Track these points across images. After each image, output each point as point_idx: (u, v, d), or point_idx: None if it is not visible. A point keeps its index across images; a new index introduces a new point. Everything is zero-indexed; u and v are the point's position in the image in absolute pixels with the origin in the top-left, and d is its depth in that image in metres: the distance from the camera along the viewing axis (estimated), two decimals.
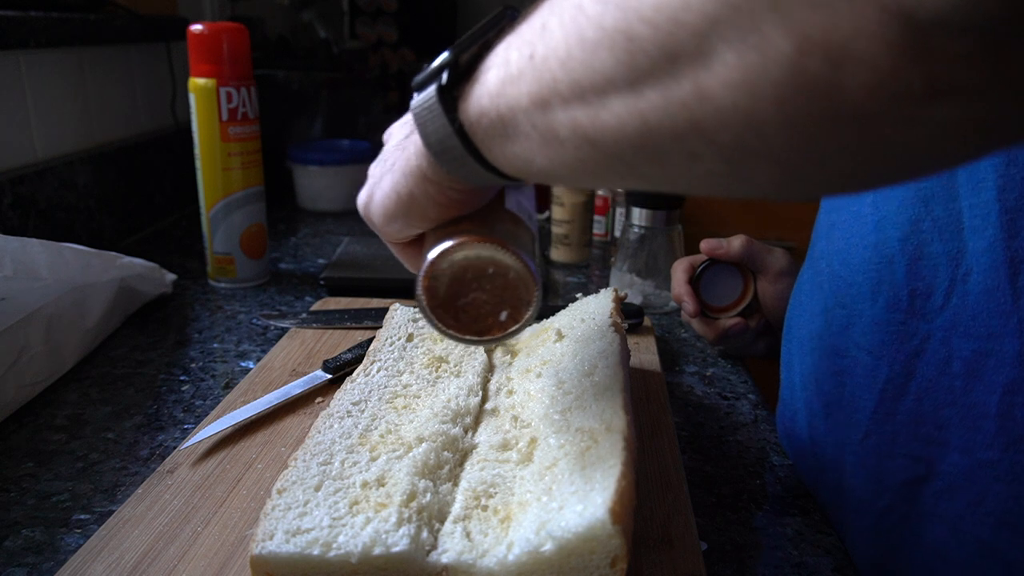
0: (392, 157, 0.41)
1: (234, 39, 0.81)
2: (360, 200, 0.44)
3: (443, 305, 0.38)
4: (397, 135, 0.44)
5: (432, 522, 0.40)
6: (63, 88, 0.95)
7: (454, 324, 0.39)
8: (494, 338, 0.39)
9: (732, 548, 0.47)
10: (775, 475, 0.55)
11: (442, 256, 0.37)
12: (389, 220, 0.41)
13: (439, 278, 0.38)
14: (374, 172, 0.44)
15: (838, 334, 0.50)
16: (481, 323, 0.39)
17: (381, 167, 0.43)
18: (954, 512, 0.44)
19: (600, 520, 0.35)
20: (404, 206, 0.39)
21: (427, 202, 0.38)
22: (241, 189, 0.85)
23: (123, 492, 0.50)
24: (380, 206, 0.41)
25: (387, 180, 0.40)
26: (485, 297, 0.38)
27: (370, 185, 0.43)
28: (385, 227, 0.42)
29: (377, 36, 1.70)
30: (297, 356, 0.67)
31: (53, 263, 0.65)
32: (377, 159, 0.45)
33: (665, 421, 0.57)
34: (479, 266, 0.38)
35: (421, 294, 0.38)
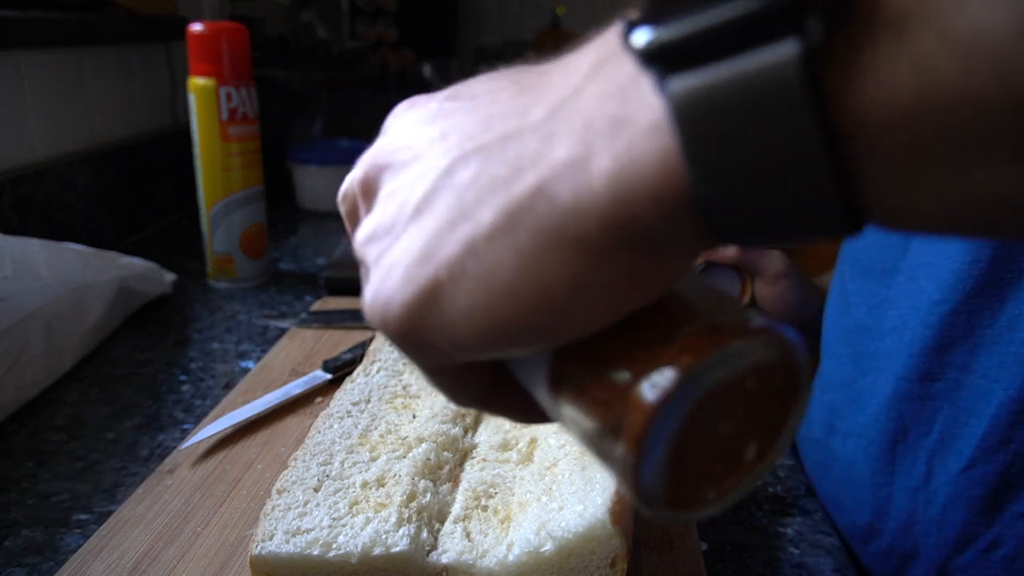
0: (471, 200, 0.21)
1: (234, 39, 0.81)
2: (386, 300, 0.22)
3: (670, 477, 0.21)
4: (438, 139, 0.23)
5: (432, 522, 0.40)
6: (63, 88, 0.95)
7: (680, 501, 0.22)
8: (735, 492, 0.23)
9: (732, 548, 0.47)
10: (775, 475, 0.55)
11: (686, 384, 0.20)
12: (498, 336, 0.21)
13: (659, 434, 0.20)
14: (399, 231, 0.23)
15: (924, 356, 0.45)
16: (714, 480, 0.22)
17: (427, 223, 0.22)
18: None
19: (600, 520, 0.35)
20: (554, 306, 0.20)
21: (612, 293, 0.20)
22: (241, 189, 0.85)
23: (123, 492, 0.50)
24: (480, 311, 0.21)
25: (494, 257, 0.20)
26: (728, 432, 0.22)
27: (406, 270, 0.22)
28: (479, 349, 0.22)
29: (377, 36, 1.70)
30: (297, 356, 0.67)
31: (53, 263, 0.65)
32: (387, 196, 0.24)
33: None
34: (734, 385, 0.21)
35: (629, 469, 0.21)
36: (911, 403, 0.47)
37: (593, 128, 0.19)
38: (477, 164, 0.21)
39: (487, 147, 0.21)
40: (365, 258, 0.25)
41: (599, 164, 0.18)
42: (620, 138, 0.18)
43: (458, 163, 0.22)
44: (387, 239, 0.23)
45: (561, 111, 0.20)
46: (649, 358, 0.21)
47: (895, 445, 0.48)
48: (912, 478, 0.47)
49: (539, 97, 0.21)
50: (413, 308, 0.22)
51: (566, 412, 0.23)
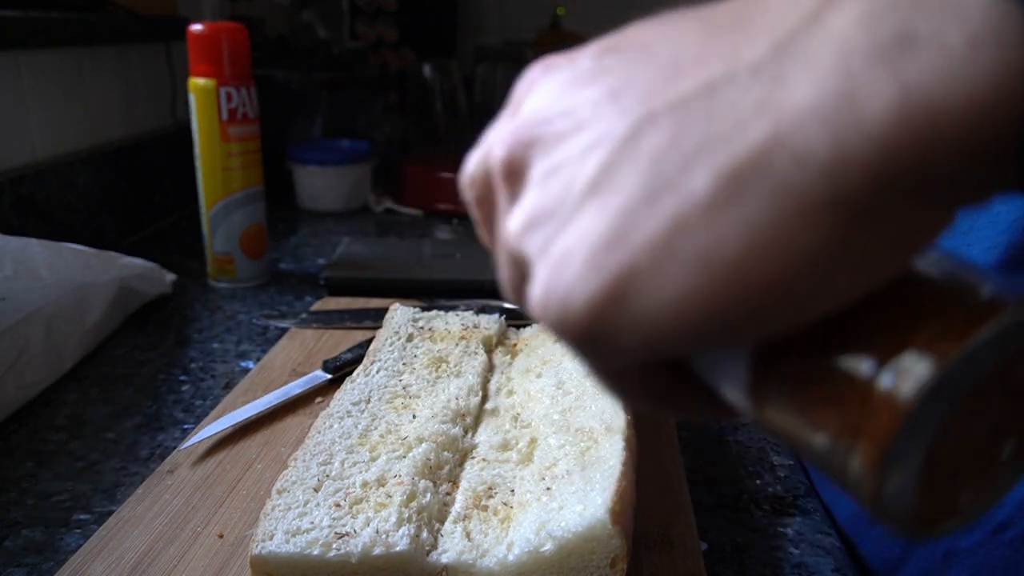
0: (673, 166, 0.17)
1: (234, 39, 0.81)
2: (566, 294, 0.19)
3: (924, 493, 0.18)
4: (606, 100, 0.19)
5: (432, 522, 0.40)
6: (63, 88, 0.95)
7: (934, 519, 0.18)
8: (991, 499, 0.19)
9: (732, 548, 0.47)
10: (775, 475, 0.55)
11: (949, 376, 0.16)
12: (712, 327, 0.17)
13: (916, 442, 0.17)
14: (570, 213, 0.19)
15: None
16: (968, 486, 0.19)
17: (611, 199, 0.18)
18: None
19: (600, 520, 0.35)
20: (798, 289, 0.17)
21: (870, 262, 0.17)
22: (241, 189, 0.85)
23: (123, 492, 0.50)
24: (694, 304, 0.17)
25: (714, 236, 0.17)
26: (986, 429, 0.18)
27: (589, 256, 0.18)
28: (683, 342, 0.18)
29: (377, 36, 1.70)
30: (297, 356, 0.67)
31: (53, 263, 0.65)
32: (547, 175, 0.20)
33: (665, 421, 0.57)
34: (998, 371, 0.17)
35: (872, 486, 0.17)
36: None
37: (856, 56, 0.15)
38: (674, 123, 0.18)
39: (684, 101, 0.18)
40: (524, 250, 0.21)
41: (876, 99, 0.15)
42: (914, 62, 0.15)
43: (645, 125, 0.18)
44: (553, 223, 0.20)
45: (793, 45, 0.16)
46: (897, 343, 0.17)
47: None
48: None
49: (749, 34, 0.17)
50: (602, 302, 0.18)
51: (773, 412, 0.20)
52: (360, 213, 1.24)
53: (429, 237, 1.13)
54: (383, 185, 1.30)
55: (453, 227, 1.18)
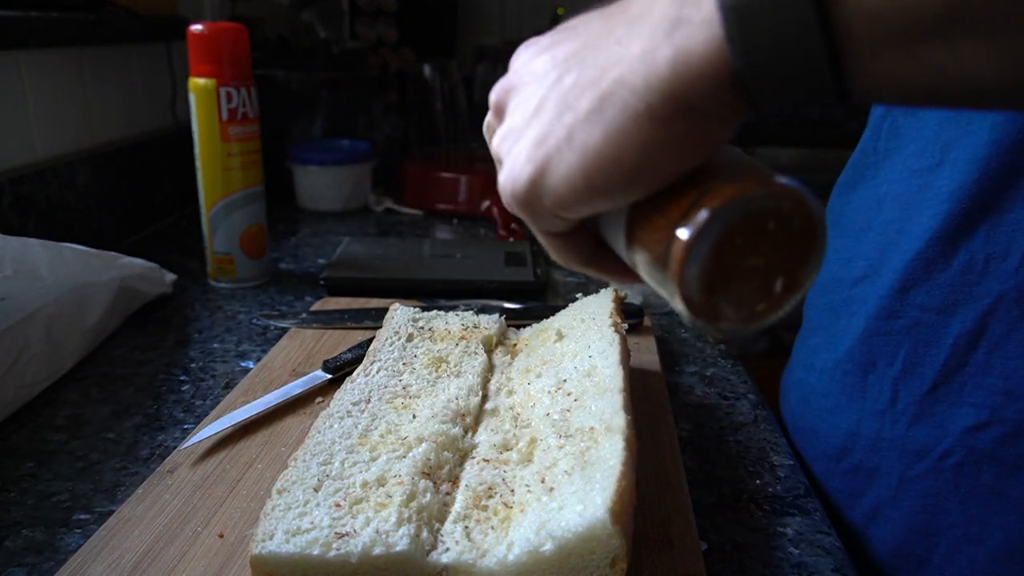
0: (572, 97, 0.29)
1: (234, 39, 0.81)
2: (515, 178, 0.31)
3: (705, 292, 0.27)
4: (548, 61, 0.31)
5: (432, 522, 0.40)
6: (63, 88, 0.95)
7: (716, 314, 0.28)
8: (767, 318, 0.29)
9: (732, 548, 0.47)
10: (775, 475, 0.55)
11: (714, 220, 0.26)
12: (591, 193, 0.29)
13: (696, 257, 0.27)
14: (522, 130, 0.31)
15: (890, 297, 0.53)
16: (749, 303, 0.28)
17: (542, 118, 0.30)
18: (1015, 454, 0.48)
19: (600, 520, 0.35)
20: (631, 165, 0.27)
21: (673, 152, 0.27)
22: (241, 189, 0.85)
23: (123, 492, 0.50)
24: (577, 174, 0.29)
25: (587, 133, 0.28)
26: (758, 265, 0.28)
27: (527, 153, 0.30)
28: (578, 206, 0.30)
29: (377, 36, 1.70)
30: (297, 356, 0.67)
31: (53, 263, 0.65)
32: (513, 109, 0.32)
33: (665, 421, 0.57)
34: (756, 225, 0.27)
35: (676, 285, 0.27)
36: (879, 339, 0.54)
37: (659, 29, 0.26)
38: (577, 71, 0.29)
39: (584, 59, 0.29)
40: (500, 154, 0.33)
41: (663, 53, 0.26)
42: (679, 32, 0.25)
43: (564, 73, 0.30)
44: (514, 136, 0.32)
45: (635, 24, 0.27)
46: (689, 204, 0.27)
47: (866, 376, 0.55)
48: (880, 403, 0.54)
49: (620, 20, 0.29)
50: (533, 178, 0.30)
51: (637, 258, 0.30)
52: (360, 213, 1.24)
53: (429, 237, 1.13)
54: (383, 185, 1.30)
55: (453, 227, 1.18)
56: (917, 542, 0.52)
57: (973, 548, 0.50)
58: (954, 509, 0.50)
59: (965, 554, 0.50)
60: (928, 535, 0.51)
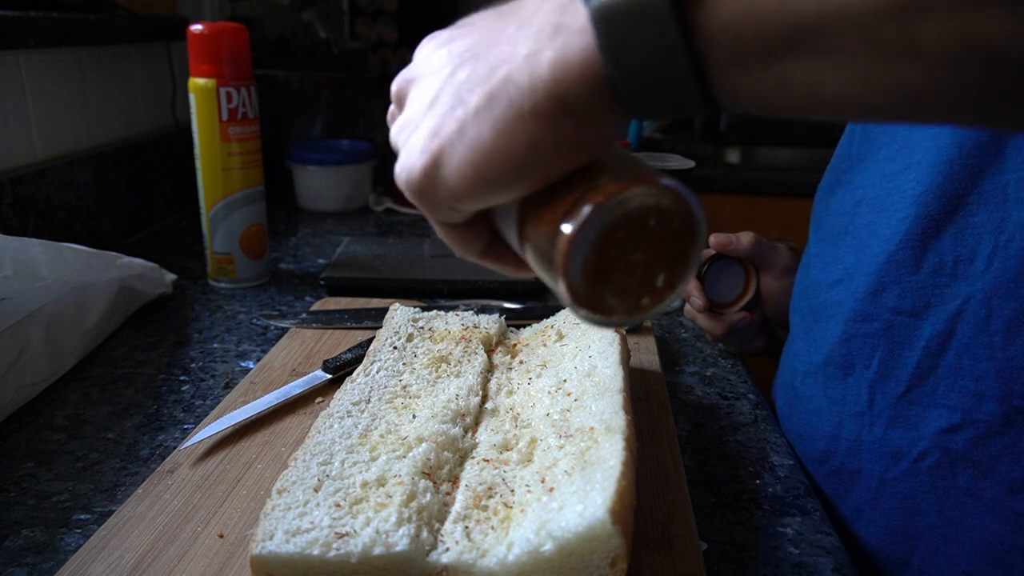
0: (465, 91, 0.29)
1: (234, 39, 0.81)
2: (409, 168, 0.31)
3: (588, 284, 0.29)
4: (445, 55, 0.32)
5: (432, 522, 0.40)
6: (63, 88, 0.95)
7: (600, 305, 0.29)
8: (650, 311, 0.30)
9: (732, 548, 0.47)
10: (775, 475, 0.55)
11: (596, 216, 0.27)
12: (481, 186, 0.29)
13: (579, 250, 0.28)
14: (418, 121, 0.31)
15: (864, 300, 0.54)
16: (632, 296, 0.29)
17: (436, 111, 0.30)
18: (988, 455, 0.48)
19: (600, 520, 0.35)
20: (519, 160, 0.28)
21: (557, 149, 0.28)
22: (241, 189, 0.85)
23: (123, 492, 0.50)
24: (468, 167, 0.29)
25: (478, 128, 0.29)
26: (640, 260, 0.29)
27: (422, 144, 0.30)
28: (470, 198, 0.30)
29: (377, 36, 1.70)
30: (297, 356, 0.67)
31: (53, 263, 0.65)
32: (411, 100, 0.33)
33: (665, 421, 0.57)
34: (637, 221, 0.28)
35: (561, 275, 0.28)
36: (856, 341, 0.55)
37: (543, 33, 0.27)
38: (470, 66, 0.30)
39: (477, 54, 0.30)
40: (398, 144, 0.33)
41: (545, 55, 0.27)
42: (559, 38, 0.27)
43: (458, 68, 0.30)
44: (411, 127, 0.32)
45: (524, 24, 0.28)
46: (574, 200, 0.28)
47: (845, 379, 0.56)
48: (859, 405, 0.54)
49: (512, 19, 0.29)
50: (427, 169, 0.30)
51: (528, 250, 0.31)
52: (360, 213, 1.24)
53: (429, 237, 1.13)
54: (383, 185, 1.30)
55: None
56: (897, 543, 0.52)
57: (951, 549, 0.50)
58: (931, 510, 0.51)
59: (943, 554, 0.50)
60: (907, 536, 0.52)
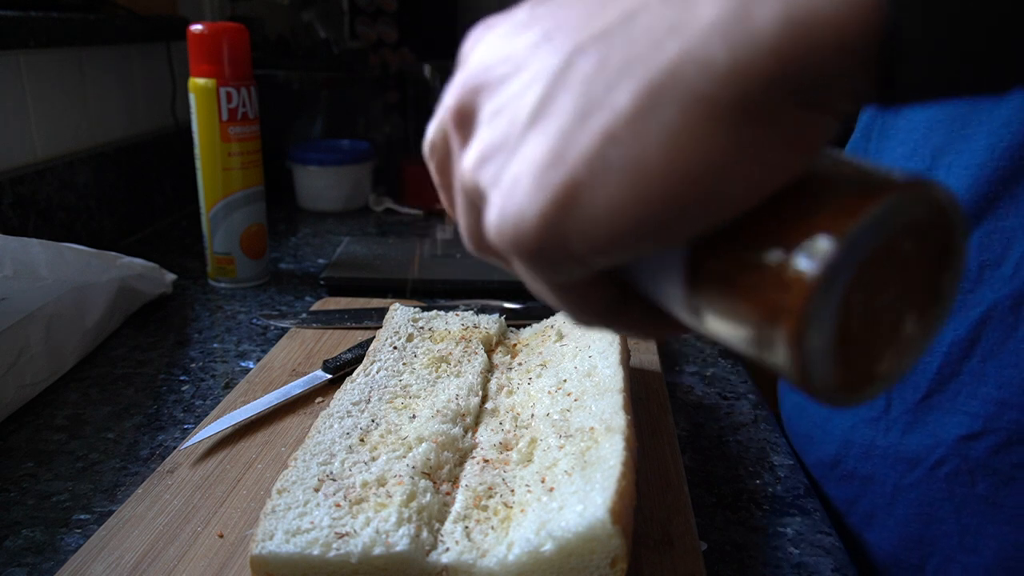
0: (601, 89, 0.20)
1: (234, 39, 0.81)
2: (517, 216, 0.21)
3: (832, 345, 0.20)
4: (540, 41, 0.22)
5: (432, 522, 0.40)
6: (63, 88, 0.95)
7: (843, 377, 0.20)
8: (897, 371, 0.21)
9: (732, 548, 0.47)
10: (775, 475, 0.55)
11: (844, 250, 0.18)
12: (644, 229, 0.20)
13: (821, 304, 0.19)
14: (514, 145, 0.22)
15: None
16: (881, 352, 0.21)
17: (550, 125, 0.21)
18: (1009, 464, 0.47)
19: (600, 520, 0.35)
20: (713, 183, 0.19)
21: (775, 159, 0.19)
22: (241, 189, 0.85)
23: (123, 492, 0.50)
24: (628, 205, 0.19)
25: (639, 141, 0.19)
26: (887, 302, 0.21)
27: (534, 178, 0.21)
28: (621, 246, 0.20)
29: (377, 36, 1.70)
30: (297, 356, 0.67)
31: (53, 263, 0.65)
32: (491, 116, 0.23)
33: (665, 421, 0.57)
34: (891, 248, 0.20)
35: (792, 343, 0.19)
36: None
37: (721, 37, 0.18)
38: (599, 51, 0.20)
39: (607, 32, 0.20)
40: (479, 183, 0.23)
41: (764, 14, 0.17)
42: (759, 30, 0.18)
43: (575, 57, 0.21)
44: (502, 155, 0.22)
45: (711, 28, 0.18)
46: (802, 229, 0.19)
47: None
48: (873, 410, 0.53)
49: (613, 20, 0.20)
50: (550, 215, 0.20)
51: (707, 311, 0.22)
52: (360, 213, 1.24)
53: (429, 237, 1.13)
54: (383, 185, 1.30)
55: (453, 227, 1.18)
56: (912, 550, 0.52)
57: (967, 557, 0.49)
58: (948, 518, 0.50)
59: (959, 563, 0.50)
60: (923, 543, 0.51)
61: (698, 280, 0.22)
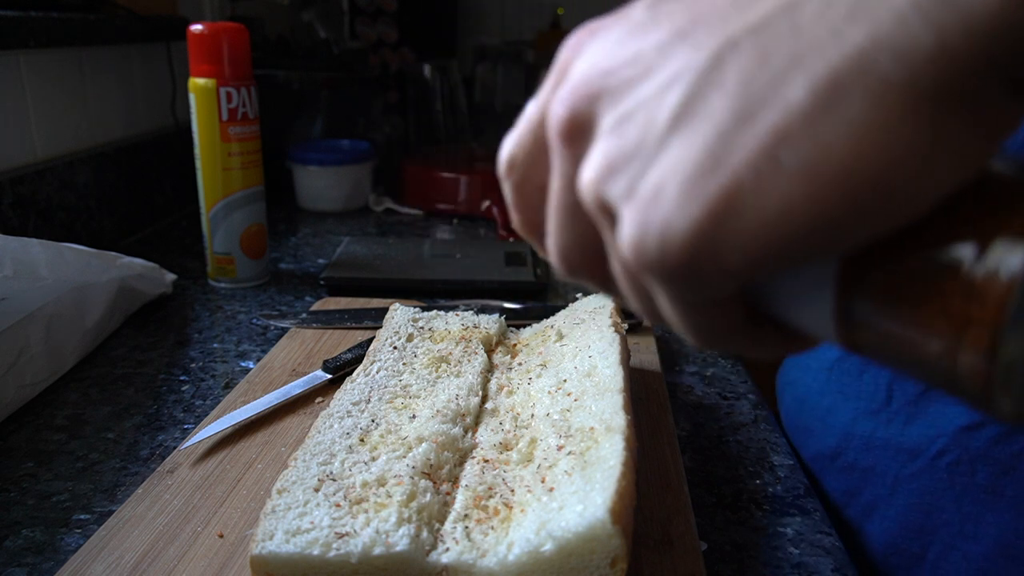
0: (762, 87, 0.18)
1: (234, 39, 0.81)
2: (664, 230, 0.19)
3: None
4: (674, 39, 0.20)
5: (432, 522, 0.40)
6: (63, 88, 0.95)
7: None
8: None
9: (732, 548, 0.47)
10: (775, 475, 0.55)
11: None
12: (815, 236, 0.18)
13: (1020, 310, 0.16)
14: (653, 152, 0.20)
15: None
16: None
17: (700, 129, 0.19)
18: (1009, 453, 0.48)
19: (600, 520, 0.35)
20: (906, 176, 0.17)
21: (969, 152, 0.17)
22: (241, 189, 0.85)
23: (123, 492, 0.50)
24: (801, 210, 0.17)
25: (817, 142, 0.17)
26: None
27: (684, 187, 0.19)
28: (782, 257, 0.18)
29: (377, 36, 1.70)
30: (297, 356, 0.67)
31: (53, 263, 0.65)
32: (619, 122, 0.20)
33: (665, 421, 0.57)
34: None
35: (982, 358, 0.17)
36: None
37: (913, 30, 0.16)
38: (758, 45, 0.18)
39: (765, 23, 0.18)
40: (607, 196, 0.21)
41: (954, 2, 0.16)
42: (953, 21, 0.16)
43: (726, 52, 0.19)
44: (636, 164, 0.20)
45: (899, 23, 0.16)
46: (991, 231, 0.17)
47: (860, 376, 0.55)
48: (875, 402, 0.54)
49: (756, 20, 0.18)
50: (705, 227, 0.18)
51: (865, 328, 0.20)
52: (360, 213, 1.24)
53: (429, 237, 1.13)
54: (383, 185, 1.30)
55: (453, 227, 1.18)
56: (912, 539, 0.53)
57: (968, 545, 0.50)
58: (949, 507, 0.51)
59: (960, 551, 0.50)
60: (923, 532, 0.52)
61: (855, 293, 0.19)
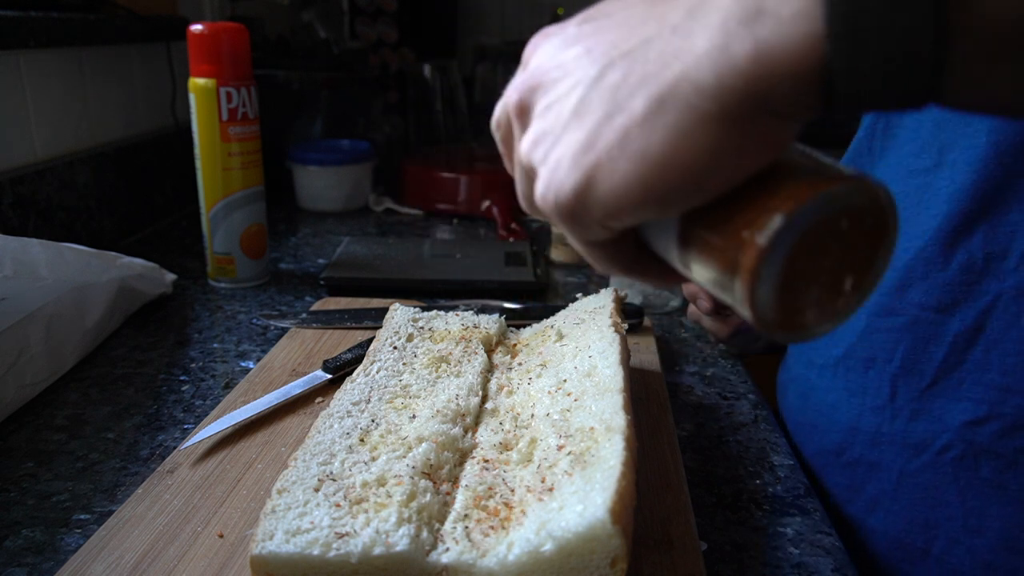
0: (623, 96, 0.26)
1: (234, 39, 0.81)
2: (557, 187, 0.28)
3: (777, 301, 0.26)
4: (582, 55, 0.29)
5: (432, 522, 0.40)
6: (63, 88, 0.95)
7: (787, 322, 0.27)
8: (836, 319, 0.28)
9: (732, 548, 0.47)
10: (775, 475, 0.55)
11: (789, 226, 0.25)
12: (647, 202, 0.27)
13: (770, 266, 0.25)
14: (559, 134, 0.29)
15: (889, 296, 0.54)
16: (818, 305, 0.27)
17: (586, 121, 0.27)
18: (1013, 448, 0.49)
19: (600, 520, 0.35)
20: (697, 170, 0.25)
21: (742, 155, 0.25)
22: (241, 189, 0.85)
23: (123, 492, 0.50)
24: (633, 182, 0.26)
25: (645, 138, 0.26)
26: (829, 266, 0.27)
27: (571, 159, 0.28)
28: (631, 215, 0.28)
29: (377, 36, 1.70)
30: (297, 356, 0.67)
31: (53, 263, 0.65)
32: (544, 110, 0.30)
33: (665, 421, 0.57)
34: (831, 226, 0.26)
35: (747, 297, 0.26)
36: (878, 336, 0.55)
37: (733, 20, 0.24)
38: (624, 67, 0.27)
39: (632, 52, 0.27)
40: (532, 161, 0.30)
41: (740, 48, 0.23)
42: (762, 26, 0.23)
43: (607, 69, 0.27)
44: (549, 140, 0.29)
45: (696, 12, 0.25)
46: (760, 209, 0.25)
47: (866, 372, 0.56)
48: (880, 398, 0.55)
49: (672, 5, 0.26)
50: (580, 188, 0.28)
51: (694, 265, 0.29)
52: (360, 213, 1.24)
53: (429, 237, 1.13)
54: (383, 185, 1.30)
55: (453, 227, 1.18)
56: (917, 534, 0.53)
57: (972, 539, 0.50)
58: (953, 501, 0.51)
59: (964, 545, 0.51)
60: (928, 527, 0.52)
61: (686, 241, 0.29)
